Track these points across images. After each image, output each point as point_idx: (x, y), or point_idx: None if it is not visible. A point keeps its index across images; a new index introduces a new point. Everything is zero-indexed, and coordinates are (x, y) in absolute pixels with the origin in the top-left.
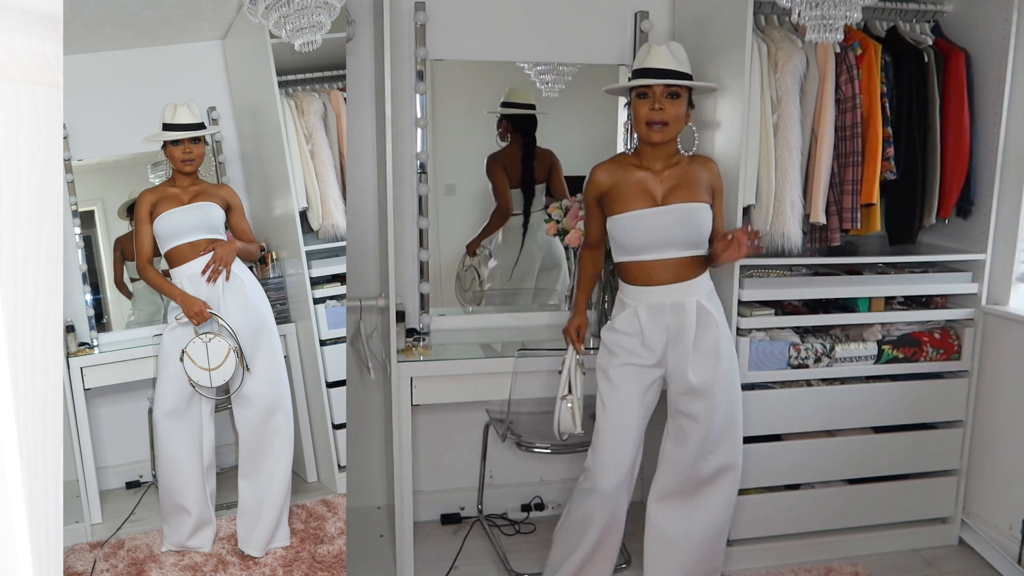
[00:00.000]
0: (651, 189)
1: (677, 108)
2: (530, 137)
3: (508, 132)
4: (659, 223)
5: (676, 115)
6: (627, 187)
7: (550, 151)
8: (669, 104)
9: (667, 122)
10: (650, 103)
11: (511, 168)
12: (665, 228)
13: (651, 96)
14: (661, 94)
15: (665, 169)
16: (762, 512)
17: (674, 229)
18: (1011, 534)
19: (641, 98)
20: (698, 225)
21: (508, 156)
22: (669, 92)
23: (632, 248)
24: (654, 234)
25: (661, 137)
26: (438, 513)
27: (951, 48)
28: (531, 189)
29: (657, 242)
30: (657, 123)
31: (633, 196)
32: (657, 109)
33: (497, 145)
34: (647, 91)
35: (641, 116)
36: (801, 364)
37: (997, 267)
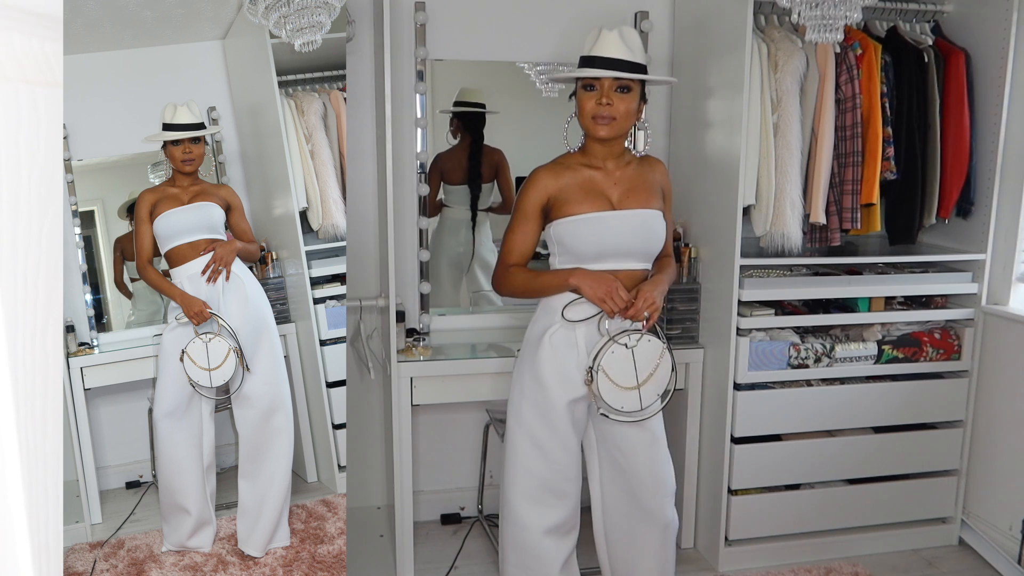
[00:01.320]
0: (605, 191)
1: (627, 103)
2: (478, 135)
3: (459, 131)
4: (615, 228)
5: (626, 111)
6: (577, 188)
7: (499, 150)
8: (618, 99)
9: (615, 117)
10: (597, 96)
11: (455, 166)
12: (621, 235)
13: (598, 89)
14: (610, 87)
15: (618, 169)
16: (762, 512)
17: (632, 238)
18: (1011, 534)
19: (587, 90)
20: (656, 235)
21: (453, 155)
22: (619, 85)
23: (581, 255)
24: (612, 241)
25: (607, 133)
26: (438, 513)
27: (951, 48)
28: (478, 186)
29: (611, 249)
30: (604, 118)
31: (586, 198)
32: (604, 104)
33: (448, 143)
34: (594, 83)
35: (587, 110)
36: (801, 364)
37: (997, 267)
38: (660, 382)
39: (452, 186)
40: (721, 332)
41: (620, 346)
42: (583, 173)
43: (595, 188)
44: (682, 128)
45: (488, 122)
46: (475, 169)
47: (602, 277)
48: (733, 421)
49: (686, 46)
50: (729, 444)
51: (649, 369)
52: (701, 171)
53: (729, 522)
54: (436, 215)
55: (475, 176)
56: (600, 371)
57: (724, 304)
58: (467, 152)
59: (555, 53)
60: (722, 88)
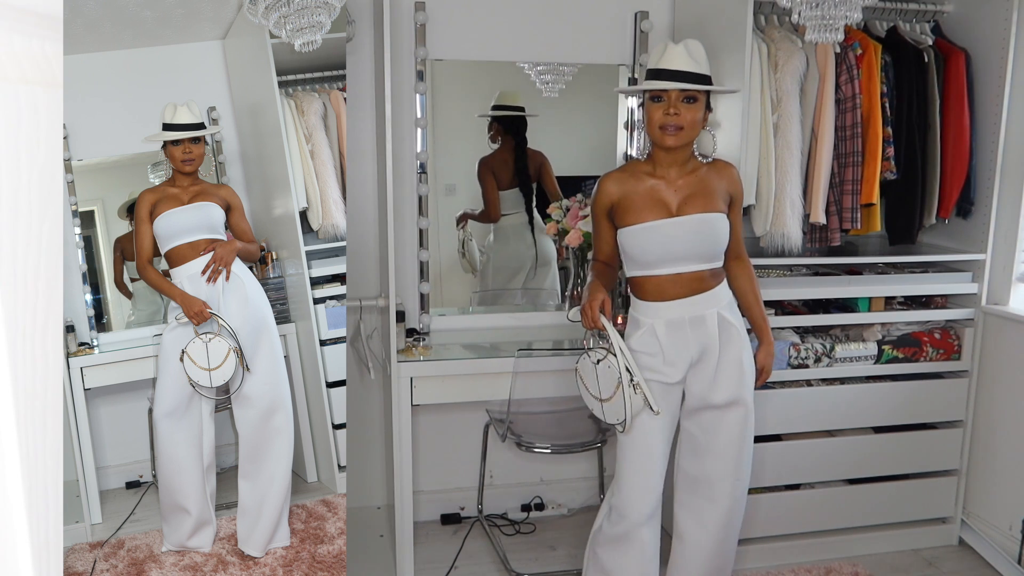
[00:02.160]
0: (665, 199)
1: (693, 113)
2: (521, 138)
3: (499, 135)
4: (674, 235)
5: (692, 120)
6: (639, 197)
7: (540, 152)
8: (685, 109)
9: (682, 127)
10: (664, 107)
11: (502, 171)
12: (681, 240)
13: (666, 100)
14: (677, 98)
15: (680, 177)
16: (762, 512)
17: (690, 241)
18: (1011, 534)
19: (655, 101)
20: (716, 236)
21: (499, 159)
22: (686, 96)
23: (645, 262)
24: (669, 246)
25: (675, 142)
26: (438, 513)
27: (951, 48)
28: (528, 189)
29: (672, 255)
30: (671, 127)
31: (646, 206)
32: (672, 114)
33: (489, 148)
34: (662, 94)
35: (655, 120)
36: (801, 364)
37: (997, 267)
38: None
39: (504, 192)
40: None
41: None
42: (646, 182)
43: (656, 196)
44: None
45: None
46: (523, 172)
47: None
48: None
49: None
50: None
51: (607, 392)
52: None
53: None
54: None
55: (524, 179)
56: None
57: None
58: (513, 156)
59: (555, 53)
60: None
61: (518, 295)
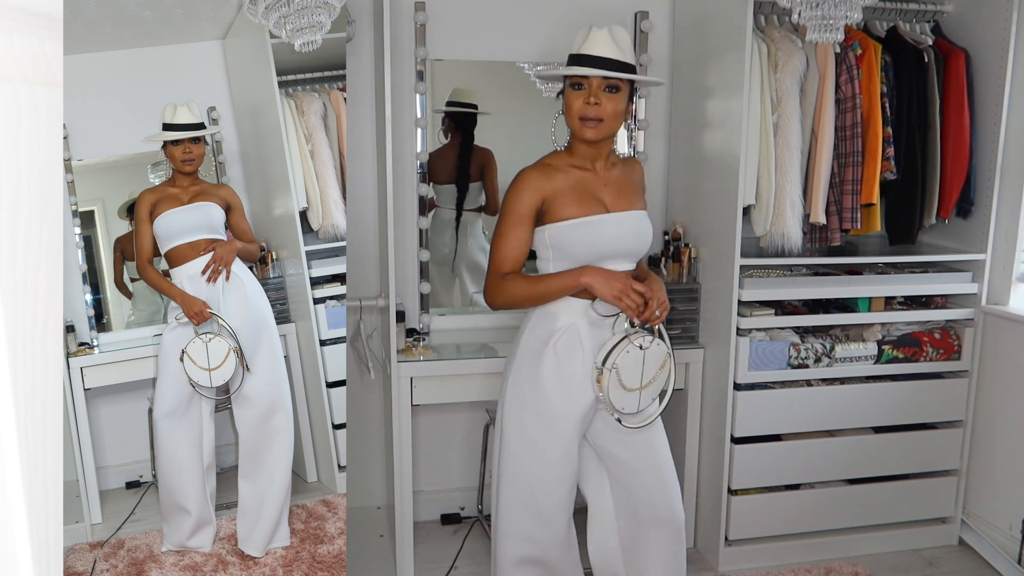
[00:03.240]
0: (597, 193)
1: (616, 103)
2: (469, 135)
3: (450, 130)
4: (613, 232)
5: (614, 111)
6: (571, 190)
7: (488, 150)
8: (607, 99)
9: (602, 119)
10: (585, 95)
11: (444, 166)
12: (618, 238)
13: (586, 88)
14: (598, 87)
15: (605, 171)
16: (762, 512)
17: (627, 240)
18: (1011, 534)
19: (575, 88)
20: (646, 235)
21: (443, 155)
22: (608, 85)
23: (582, 258)
24: (608, 243)
25: (595, 135)
26: (438, 513)
27: (951, 48)
28: (465, 185)
29: (609, 252)
30: (592, 119)
31: (581, 200)
32: (592, 103)
33: (439, 141)
34: (582, 82)
35: (574, 109)
36: (801, 364)
37: (997, 267)
38: (657, 386)
39: (440, 185)
40: (721, 332)
41: (636, 347)
42: (573, 174)
43: (587, 190)
44: (682, 128)
45: (484, 123)
46: (463, 169)
47: (615, 275)
48: (733, 421)
49: (686, 46)
50: (729, 444)
51: (653, 373)
52: (701, 171)
53: (729, 522)
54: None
55: (462, 176)
56: (613, 370)
57: (724, 304)
58: (456, 152)
59: (555, 53)
60: (722, 88)
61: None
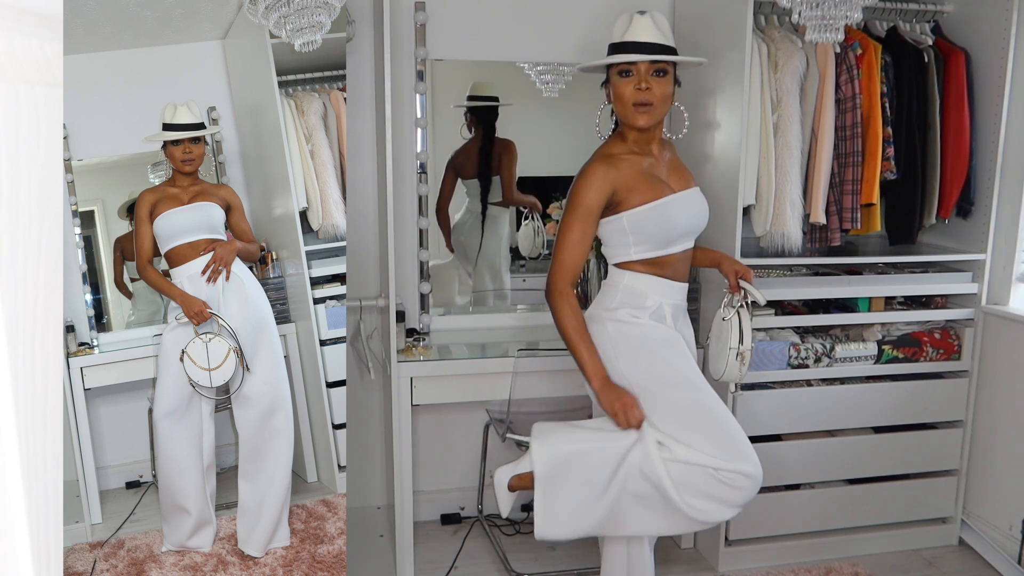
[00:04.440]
0: (661, 176)
1: (664, 87)
2: (491, 128)
3: (473, 125)
4: (683, 211)
5: (663, 95)
6: (639, 175)
7: (508, 140)
8: (656, 83)
9: (652, 103)
10: (635, 82)
11: (468, 161)
12: (686, 217)
13: (635, 74)
14: (647, 72)
15: (660, 153)
16: (762, 512)
17: (694, 218)
18: (1011, 534)
19: (623, 76)
20: (707, 212)
21: (467, 151)
22: (656, 69)
23: (663, 240)
24: (680, 223)
25: (648, 120)
26: (438, 513)
27: (951, 48)
28: (487, 181)
29: (680, 232)
30: (644, 104)
31: (650, 184)
32: (644, 89)
33: (462, 139)
34: (630, 68)
35: (626, 97)
36: (801, 364)
37: (997, 267)
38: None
39: (467, 180)
40: None
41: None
42: (636, 161)
43: (652, 174)
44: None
45: (504, 118)
46: (485, 162)
47: (622, 395)
48: None
49: (686, 46)
50: None
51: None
52: (701, 171)
53: (729, 522)
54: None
55: (484, 170)
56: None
57: None
58: (479, 146)
59: (555, 53)
60: (722, 88)
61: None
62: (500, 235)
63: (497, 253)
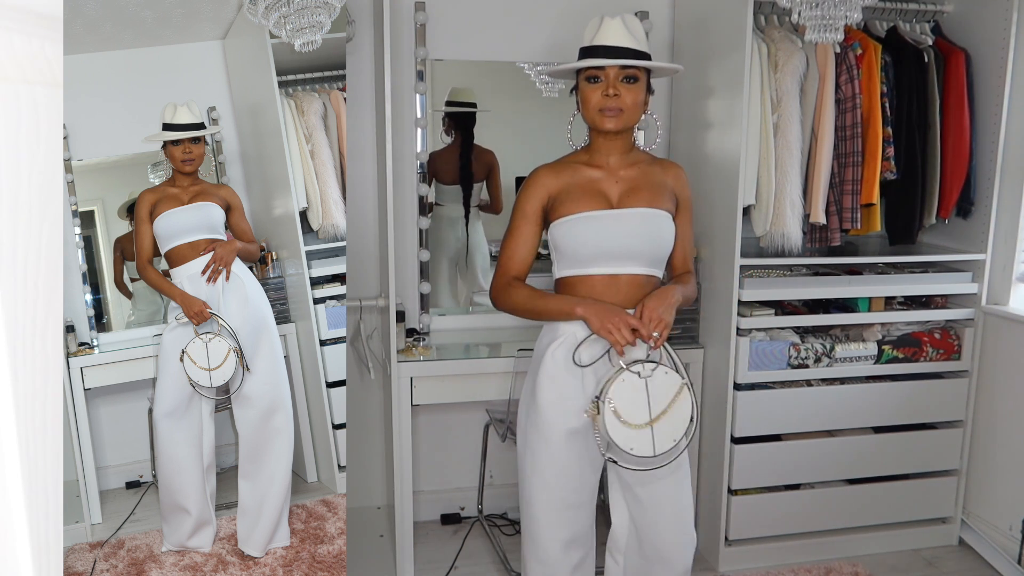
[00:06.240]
0: (604, 190)
1: (635, 94)
2: (469, 134)
3: (451, 129)
4: (616, 229)
5: (634, 102)
6: (577, 187)
7: (491, 151)
8: (625, 89)
9: (622, 109)
10: (603, 88)
11: (448, 166)
12: (624, 236)
13: (604, 80)
14: (616, 77)
15: (621, 168)
16: (762, 512)
17: (634, 238)
18: (1011, 534)
19: (591, 82)
20: (660, 236)
21: (446, 155)
22: (626, 75)
23: (579, 258)
24: (611, 242)
25: (615, 125)
26: (438, 513)
27: (951, 48)
28: (469, 185)
29: (609, 252)
30: (612, 110)
31: (583, 196)
32: (611, 95)
33: (442, 142)
34: (599, 74)
35: (592, 103)
36: (801, 364)
37: (997, 267)
38: (676, 423)
39: (445, 186)
40: (721, 332)
41: (632, 374)
42: (584, 173)
43: (595, 187)
44: (682, 128)
45: (485, 123)
46: (466, 168)
47: (612, 309)
48: (733, 421)
49: (686, 46)
50: (729, 444)
51: (663, 404)
52: (701, 171)
53: (729, 522)
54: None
55: (466, 175)
56: (608, 402)
57: (724, 304)
58: (458, 151)
59: (555, 53)
60: (722, 88)
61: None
62: (482, 238)
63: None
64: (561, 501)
